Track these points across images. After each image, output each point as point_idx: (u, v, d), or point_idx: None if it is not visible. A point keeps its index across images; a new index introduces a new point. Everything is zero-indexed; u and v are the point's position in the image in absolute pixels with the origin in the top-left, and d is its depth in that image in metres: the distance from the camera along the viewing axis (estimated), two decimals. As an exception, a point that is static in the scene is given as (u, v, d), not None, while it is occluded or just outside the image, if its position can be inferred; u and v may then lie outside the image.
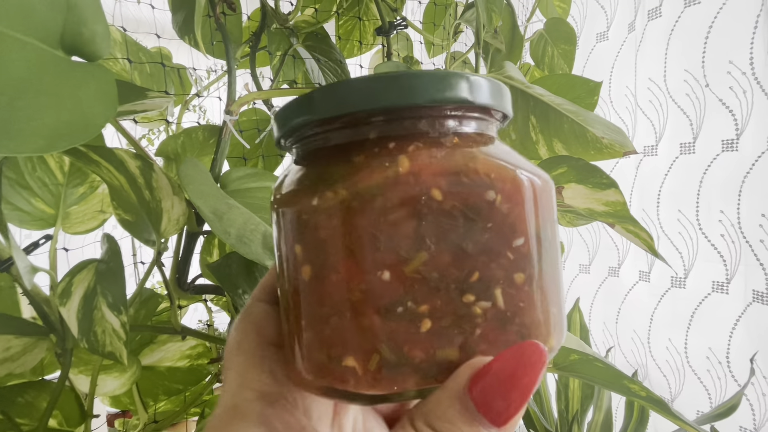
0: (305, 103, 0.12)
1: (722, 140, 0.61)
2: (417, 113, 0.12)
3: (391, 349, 0.11)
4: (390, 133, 0.12)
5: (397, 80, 0.11)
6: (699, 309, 0.66)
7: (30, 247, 0.30)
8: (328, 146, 0.12)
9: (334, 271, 0.11)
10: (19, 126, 0.18)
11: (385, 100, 0.11)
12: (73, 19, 0.23)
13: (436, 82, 0.11)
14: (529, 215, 0.11)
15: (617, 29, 0.75)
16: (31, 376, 0.32)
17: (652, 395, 0.27)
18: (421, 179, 0.11)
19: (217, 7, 0.34)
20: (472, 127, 0.12)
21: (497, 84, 0.13)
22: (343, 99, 0.11)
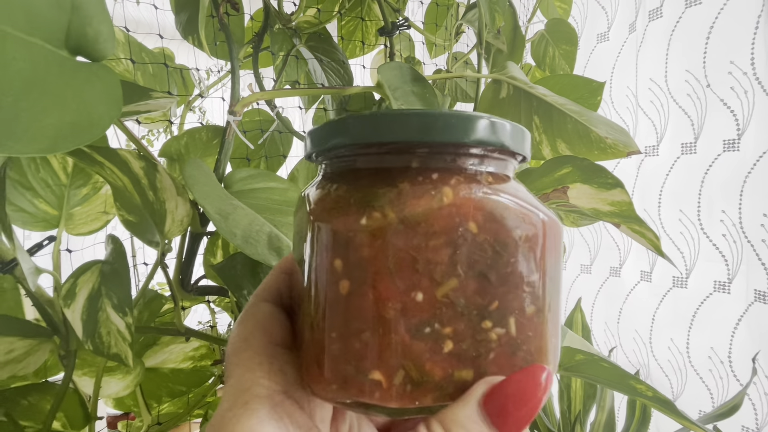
0: (353, 124, 0.13)
1: (724, 140, 0.61)
2: (460, 150, 0.13)
3: (416, 366, 0.11)
4: (432, 165, 0.13)
5: (446, 117, 0.12)
6: (701, 309, 0.66)
7: (34, 248, 0.29)
8: (370, 168, 0.13)
9: (372, 288, 0.12)
10: (23, 126, 0.18)
11: (435, 135, 0.12)
12: (77, 20, 0.23)
13: (482, 125, 0.12)
14: (543, 253, 0.13)
15: (618, 30, 0.75)
16: (34, 378, 0.32)
17: (658, 395, 0.27)
18: (462, 211, 0.12)
19: (220, 8, 0.34)
20: (500, 167, 0.13)
21: (524, 130, 0.14)
22: (391, 127, 0.12)
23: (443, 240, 0.11)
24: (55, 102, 0.20)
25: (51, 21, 0.22)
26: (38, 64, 0.20)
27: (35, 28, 0.21)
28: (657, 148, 0.70)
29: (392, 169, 0.13)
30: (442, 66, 0.70)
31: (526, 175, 0.36)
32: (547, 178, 0.34)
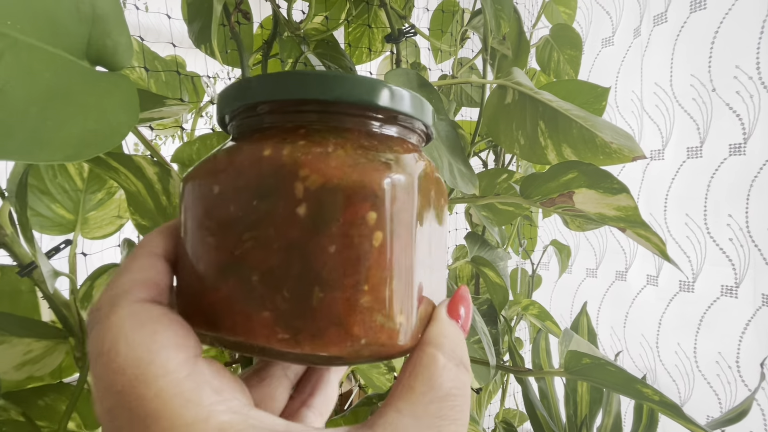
0: (255, 83, 0.14)
1: (729, 144, 0.61)
2: (330, 107, 0.13)
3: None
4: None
5: (337, 78, 0.13)
6: (708, 313, 0.66)
7: (51, 251, 0.30)
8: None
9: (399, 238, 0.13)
10: (48, 135, 0.19)
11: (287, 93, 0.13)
12: (98, 31, 0.24)
13: (366, 84, 0.13)
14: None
15: (623, 34, 0.76)
16: (50, 379, 0.32)
17: (665, 399, 0.27)
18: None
19: (231, 17, 0.35)
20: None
21: (418, 98, 0.14)
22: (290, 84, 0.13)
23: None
24: (78, 111, 0.21)
25: (73, 33, 0.23)
26: (62, 74, 0.21)
27: (59, 41, 0.22)
28: (662, 152, 0.70)
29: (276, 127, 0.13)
30: (447, 71, 0.71)
31: (532, 180, 0.36)
32: (553, 183, 0.34)
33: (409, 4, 0.53)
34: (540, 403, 0.61)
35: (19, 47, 0.19)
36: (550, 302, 0.91)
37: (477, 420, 0.58)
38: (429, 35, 0.63)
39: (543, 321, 0.72)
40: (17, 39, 0.19)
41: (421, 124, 0.15)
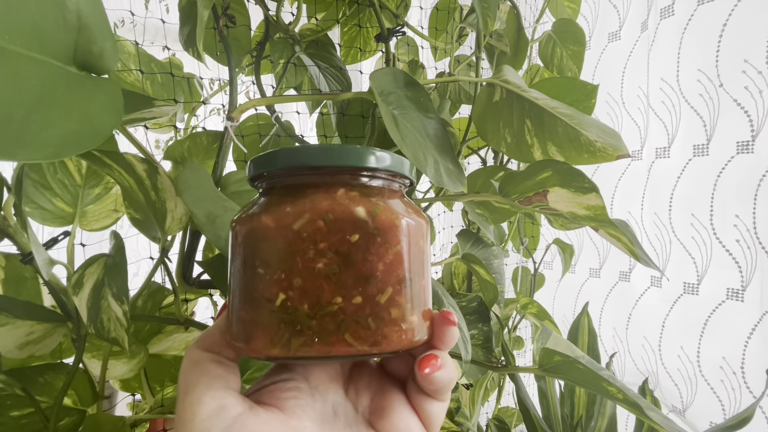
0: (280, 155, 0.18)
1: (737, 142, 0.59)
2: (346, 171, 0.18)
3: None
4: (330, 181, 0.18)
5: (341, 150, 0.17)
6: (713, 316, 0.64)
7: (50, 242, 0.33)
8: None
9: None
10: (31, 136, 0.21)
11: (333, 161, 0.17)
12: (83, 38, 0.26)
13: (365, 155, 0.17)
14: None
15: (630, 28, 0.74)
16: (51, 359, 0.35)
17: (628, 398, 0.27)
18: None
19: (220, 20, 0.37)
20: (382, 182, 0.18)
21: (402, 159, 0.18)
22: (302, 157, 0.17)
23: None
24: (60, 113, 0.23)
25: (60, 41, 0.25)
26: (47, 80, 0.23)
27: (45, 48, 0.24)
28: (668, 150, 0.68)
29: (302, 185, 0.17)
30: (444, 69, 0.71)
31: (511, 179, 0.36)
32: (529, 181, 0.34)
33: (404, 2, 0.53)
34: (533, 403, 0.61)
35: (6, 56, 0.21)
36: (553, 302, 0.90)
37: (467, 416, 0.58)
38: (426, 33, 0.63)
39: (542, 320, 0.72)
40: (5, 49, 0.21)
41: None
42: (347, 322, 0.15)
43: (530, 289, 0.79)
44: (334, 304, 0.15)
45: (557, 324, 0.74)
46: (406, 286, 0.16)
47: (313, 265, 0.15)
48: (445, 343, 0.18)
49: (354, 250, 0.16)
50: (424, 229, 0.18)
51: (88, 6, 0.26)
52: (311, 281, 0.15)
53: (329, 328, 0.15)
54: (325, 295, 0.15)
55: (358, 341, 0.15)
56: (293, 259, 0.16)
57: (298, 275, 0.15)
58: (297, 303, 0.15)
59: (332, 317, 0.15)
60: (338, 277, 0.16)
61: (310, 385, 0.18)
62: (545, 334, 0.37)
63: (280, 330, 0.15)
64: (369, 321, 0.16)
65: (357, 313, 0.16)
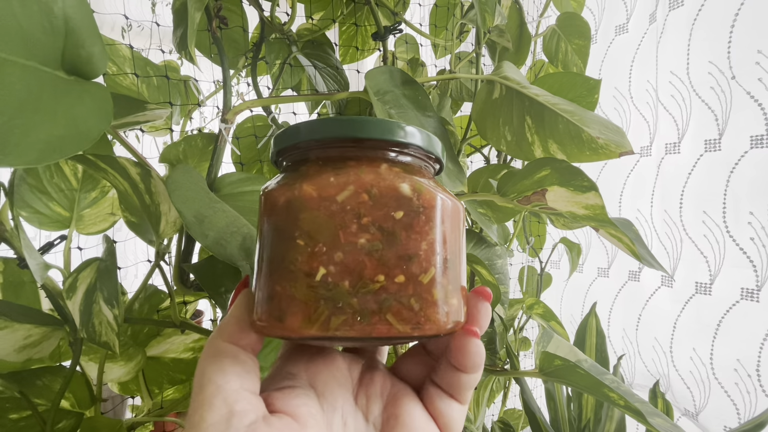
0: (304, 128, 0.17)
1: (751, 136, 0.57)
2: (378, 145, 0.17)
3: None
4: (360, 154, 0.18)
5: (371, 122, 0.16)
6: (726, 317, 0.62)
7: (46, 246, 0.33)
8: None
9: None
10: (15, 141, 0.21)
11: (361, 133, 0.16)
12: (71, 43, 0.26)
13: (395, 129, 0.17)
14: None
15: (637, 20, 0.71)
16: (50, 362, 0.36)
17: (629, 404, 0.26)
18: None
19: (213, 22, 0.37)
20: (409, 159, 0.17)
21: (430, 136, 0.18)
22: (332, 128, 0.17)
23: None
24: (46, 118, 0.23)
25: (46, 46, 0.25)
26: (33, 85, 0.23)
27: (31, 53, 0.24)
28: (678, 145, 0.66)
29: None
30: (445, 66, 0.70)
31: (509, 178, 0.35)
32: (528, 180, 0.33)
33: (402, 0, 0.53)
34: (537, 405, 0.60)
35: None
36: (560, 302, 0.88)
37: (471, 418, 0.57)
38: (426, 30, 0.62)
39: (548, 321, 0.70)
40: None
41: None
42: (389, 301, 0.15)
43: (537, 289, 0.78)
44: (376, 282, 0.15)
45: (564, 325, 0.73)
46: (448, 267, 0.16)
47: (356, 239, 0.15)
48: (480, 322, 0.17)
49: (398, 227, 0.15)
50: (461, 211, 0.17)
51: (75, 11, 0.26)
52: (353, 256, 0.15)
53: (371, 308, 0.15)
54: (367, 272, 0.15)
55: (401, 322, 0.15)
56: (335, 232, 0.15)
57: (340, 249, 0.15)
58: (338, 279, 0.15)
59: (374, 296, 0.15)
60: (381, 254, 0.15)
61: (318, 392, 0.17)
62: (547, 337, 0.36)
63: (319, 307, 0.15)
64: (412, 301, 0.15)
65: (400, 292, 0.15)
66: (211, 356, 0.16)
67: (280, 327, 0.15)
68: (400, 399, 0.18)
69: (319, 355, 0.18)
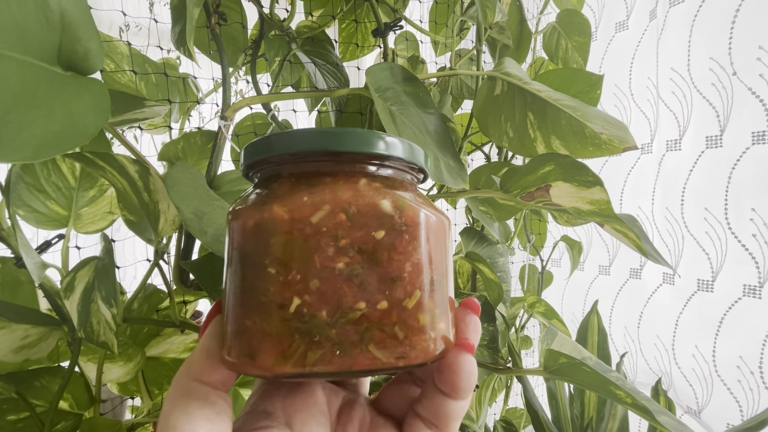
0: (275, 140, 0.16)
1: (752, 132, 0.56)
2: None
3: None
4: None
5: (349, 134, 0.15)
6: (728, 314, 0.61)
7: (43, 245, 0.33)
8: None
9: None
10: (9, 137, 0.21)
11: (338, 146, 0.15)
12: (68, 38, 0.26)
13: (373, 140, 0.15)
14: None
15: (638, 17, 0.71)
16: (48, 362, 0.35)
17: (637, 402, 0.25)
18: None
19: (212, 19, 0.36)
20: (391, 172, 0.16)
21: (413, 146, 0.16)
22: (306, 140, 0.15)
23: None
24: (41, 114, 0.22)
25: (44, 41, 0.24)
26: (28, 80, 0.23)
27: (27, 48, 0.23)
28: (680, 142, 0.66)
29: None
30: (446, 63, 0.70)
31: (512, 174, 0.35)
32: (531, 176, 0.33)
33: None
34: (540, 404, 0.60)
35: (-15, 57, 0.21)
36: (561, 300, 0.88)
37: (473, 418, 0.57)
38: (425, 27, 0.62)
39: (549, 319, 0.70)
40: (-17, 49, 0.21)
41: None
42: (371, 330, 0.14)
43: (538, 287, 0.78)
44: (356, 310, 0.14)
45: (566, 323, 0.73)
46: (434, 290, 0.15)
47: (333, 264, 0.14)
48: (471, 337, 0.16)
49: (379, 248, 0.14)
50: (446, 226, 0.16)
51: (72, 5, 0.25)
52: (331, 283, 0.13)
53: (351, 339, 0.13)
54: (346, 300, 0.13)
55: (384, 353, 0.14)
56: (310, 257, 0.13)
57: (316, 276, 0.13)
58: (314, 309, 0.13)
59: (355, 325, 0.13)
60: (361, 278, 0.14)
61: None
62: (551, 335, 0.36)
63: (294, 341, 0.13)
64: (396, 329, 0.14)
65: (382, 320, 0.14)
66: (177, 398, 0.14)
67: (252, 365, 0.14)
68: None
69: (297, 391, 0.17)
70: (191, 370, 0.15)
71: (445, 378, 0.15)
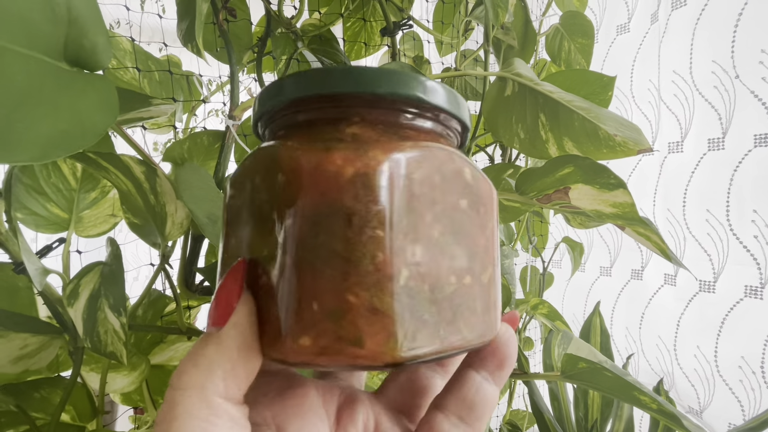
0: (289, 82, 0.14)
1: (754, 135, 0.57)
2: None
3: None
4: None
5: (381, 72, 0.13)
6: (730, 315, 0.62)
7: (44, 249, 0.31)
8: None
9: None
10: (16, 136, 0.19)
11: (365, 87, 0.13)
12: (74, 32, 0.24)
13: (403, 79, 0.13)
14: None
15: (639, 20, 0.72)
16: (48, 373, 0.34)
17: (663, 408, 0.25)
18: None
19: (219, 15, 0.35)
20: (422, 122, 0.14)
21: (455, 95, 0.14)
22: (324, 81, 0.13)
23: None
24: (49, 112, 0.21)
25: (50, 35, 0.23)
26: (34, 76, 0.21)
27: (34, 43, 0.22)
28: (681, 144, 0.66)
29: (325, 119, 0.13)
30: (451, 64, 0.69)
31: (528, 176, 0.35)
32: (549, 178, 0.32)
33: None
34: (547, 406, 0.59)
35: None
36: (562, 301, 0.88)
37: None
38: (431, 27, 0.61)
39: (553, 321, 0.70)
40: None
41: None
42: (461, 307, 0.12)
43: (539, 288, 0.78)
44: (450, 284, 0.12)
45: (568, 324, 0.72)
46: (497, 265, 0.14)
47: (432, 232, 0.12)
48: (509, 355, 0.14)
49: (464, 218, 0.13)
50: (497, 199, 0.15)
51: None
52: (430, 253, 0.12)
53: (447, 317, 0.12)
54: (443, 272, 0.12)
55: (470, 331, 0.13)
56: (414, 221, 0.12)
57: (420, 243, 0.12)
58: (420, 282, 0.12)
59: (449, 301, 0.12)
60: (452, 250, 0.12)
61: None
62: (566, 339, 0.36)
63: (405, 321, 0.11)
64: (477, 305, 0.13)
65: (468, 295, 0.13)
66: (172, 418, 0.11)
67: (357, 353, 0.11)
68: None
69: (287, 395, 0.14)
70: (219, 379, 0.11)
71: (494, 355, 0.14)
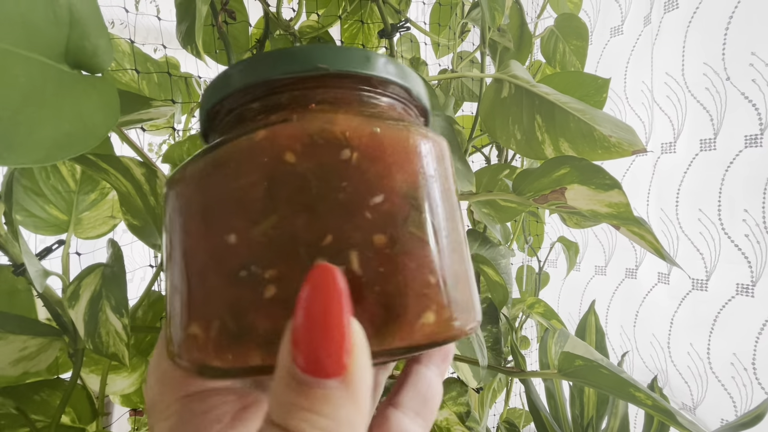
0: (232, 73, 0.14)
1: (745, 136, 0.58)
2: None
3: (233, 317, 0.10)
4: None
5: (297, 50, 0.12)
6: (722, 312, 0.63)
7: (43, 251, 0.31)
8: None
9: (188, 237, 0.11)
10: (20, 139, 0.19)
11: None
12: (76, 34, 0.24)
13: (329, 53, 0.12)
14: (395, 172, 0.11)
15: (632, 23, 0.73)
16: (48, 375, 0.33)
17: (658, 404, 0.26)
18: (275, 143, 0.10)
19: (219, 16, 0.35)
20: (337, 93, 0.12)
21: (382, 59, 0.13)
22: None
23: (254, 177, 0.10)
24: (51, 114, 0.21)
25: (51, 37, 0.23)
26: (37, 78, 0.21)
27: (35, 45, 0.22)
28: (674, 145, 0.67)
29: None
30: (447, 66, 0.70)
31: (525, 177, 0.35)
32: (546, 179, 0.33)
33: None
34: (543, 404, 0.60)
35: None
36: (558, 300, 0.89)
37: (477, 420, 0.57)
38: (428, 29, 0.62)
39: (549, 320, 0.71)
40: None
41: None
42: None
43: (535, 287, 0.78)
44: None
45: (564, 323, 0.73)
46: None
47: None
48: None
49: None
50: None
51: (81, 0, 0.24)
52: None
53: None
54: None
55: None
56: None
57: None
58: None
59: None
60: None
61: None
62: (563, 337, 0.36)
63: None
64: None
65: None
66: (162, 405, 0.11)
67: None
68: None
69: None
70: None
71: (440, 349, 0.14)
